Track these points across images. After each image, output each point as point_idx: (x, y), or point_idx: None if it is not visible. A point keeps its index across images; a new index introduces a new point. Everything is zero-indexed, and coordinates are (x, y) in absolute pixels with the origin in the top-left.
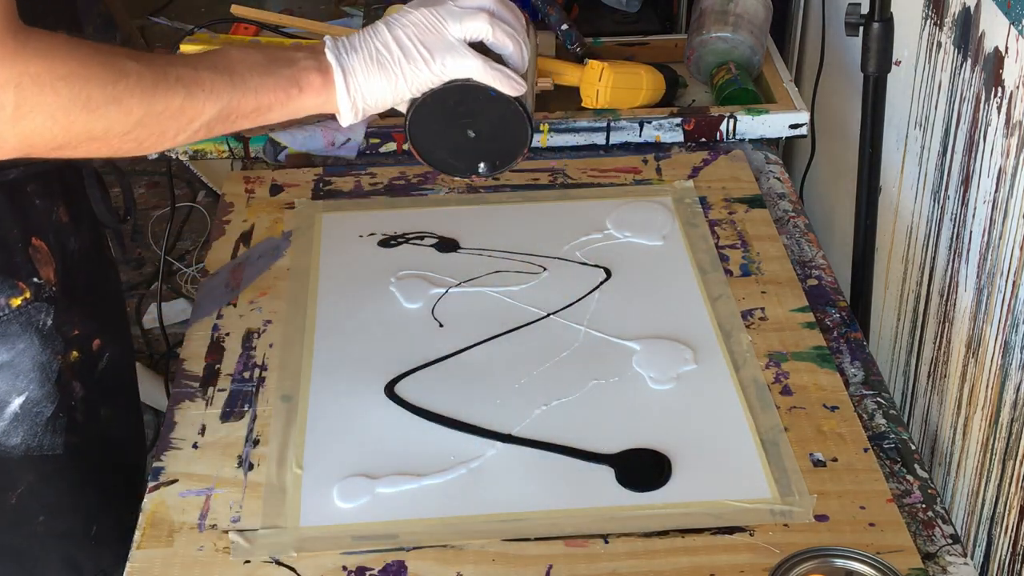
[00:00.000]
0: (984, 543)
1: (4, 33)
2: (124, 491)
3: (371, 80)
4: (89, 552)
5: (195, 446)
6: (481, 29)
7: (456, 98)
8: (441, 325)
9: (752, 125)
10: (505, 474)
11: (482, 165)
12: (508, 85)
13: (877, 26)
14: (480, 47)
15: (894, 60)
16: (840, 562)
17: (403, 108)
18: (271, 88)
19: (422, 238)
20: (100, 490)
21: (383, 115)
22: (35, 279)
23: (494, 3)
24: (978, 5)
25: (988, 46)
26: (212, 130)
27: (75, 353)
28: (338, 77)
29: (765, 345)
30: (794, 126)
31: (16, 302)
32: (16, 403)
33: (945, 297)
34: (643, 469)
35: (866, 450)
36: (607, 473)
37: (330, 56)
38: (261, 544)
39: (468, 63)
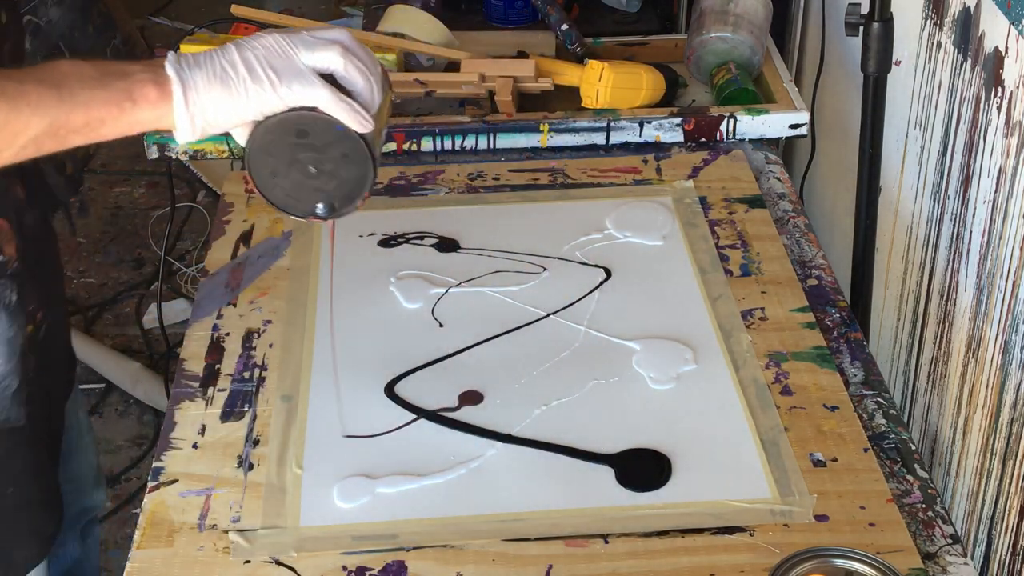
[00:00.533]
0: (984, 543)
1: None
2: (56, 452)
3: (212, 95)
4: (44, 518)
5: (195, 446)
6: (332, 60)
7: (300, 127)
8: (441, 325)
9: (752, 125)
10: (505, 474)
11: (320, 206)
12: (354, 119)
13: (877, 26)
14: (331, 81)
15: (894, 60)
16: (840, 562)
17: (242, 134)
18: (102, 102)
19: (422, 238)
20: (47, 457)
21: None
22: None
23: (348, 39)
24: (978, 5)
25: (988, 46)
26: (41, 146)
27: (30, 327)
28: (176, 90)
29: (765, 345)
30: (794, 126)
31: None
32: None
33: (945, 297)
34: (643, 469)
35: (866, 450)
36: (607, 473)
37: (170, 69)
38: (261, 544)
39: (316, 92)
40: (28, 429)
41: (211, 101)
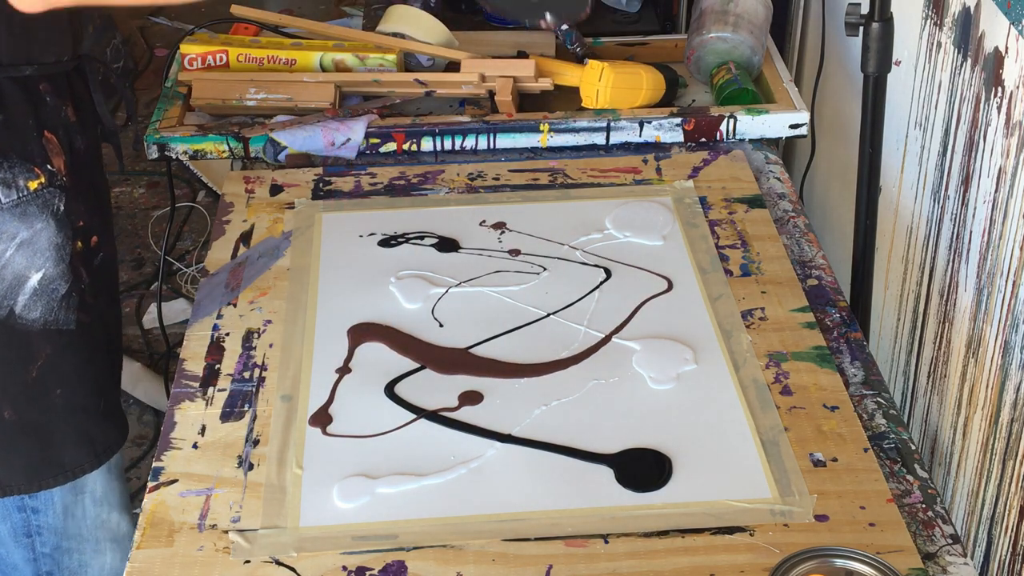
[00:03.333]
0: (984, 543)
1: None
2: (117, 374)
3: None
4: (100, 426)
5: (195, 446)
6: None
7: None
8: (441, 325)
9: (752, 125)
10: (505, 474)
11: (548, 15)
12: None
13: (877, 26)
14: None
15: (894, 60)
16: (840, 562)
17: None
18: None
19: (422, 238)
20: (106, 367)
21: (383, 116)
22: (48, 166)
23: None
24: (978, 5)
25: (988, 46)
26: None
27: (79, 243)
28: None
29: (765, 345)
30: (794, 126)
31: (33, 185)
32: (35, 279)
33: (945, 297)
34: (643, 469)
35: (866, 450)
36: (607, 473)
37: None
38: (261, 544)
39: None
40: (77, 335)
41: None
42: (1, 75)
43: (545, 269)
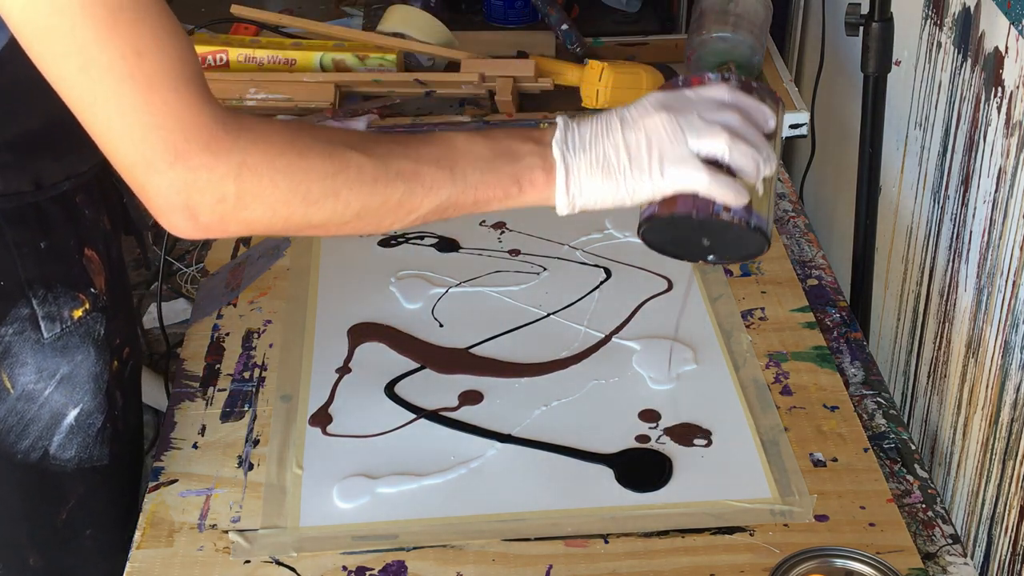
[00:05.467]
0: (984, 543)
1: (216, 124)
2: (135, 504)
3: (592, 182)
4: (124, 564)
5: (195, 446)
6: (718, 148)
7: (687, 223)
8: (441, 325)
9: None
10: (505, 474)
11: (712, 257)
12: (733, 196)
13: (877, 26)
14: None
15: (894, 60)
16: (840, 562)
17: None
18: (492, 184)
19: (422, 238)
20: (132, 499)
21: (383, 115)
22: (91, 289)
23: (738, 119)
24: (978, 5)
25: (988, 46)
26: (427, 219)
27: (116, 363)
28: (559, 176)
29: (765, 345)
30: (794, 126)
31: (78, 313)
32: (72, 415)
33: (945, 297)
34: (643, 469)
35: (866, 450)
36: (607, 473)
37: (556, 152)
38: (261, 544)
39: (693, 176)
40: (111, 470)
41: (591, 187)
42: (42, 197)
43: (545, 269)
